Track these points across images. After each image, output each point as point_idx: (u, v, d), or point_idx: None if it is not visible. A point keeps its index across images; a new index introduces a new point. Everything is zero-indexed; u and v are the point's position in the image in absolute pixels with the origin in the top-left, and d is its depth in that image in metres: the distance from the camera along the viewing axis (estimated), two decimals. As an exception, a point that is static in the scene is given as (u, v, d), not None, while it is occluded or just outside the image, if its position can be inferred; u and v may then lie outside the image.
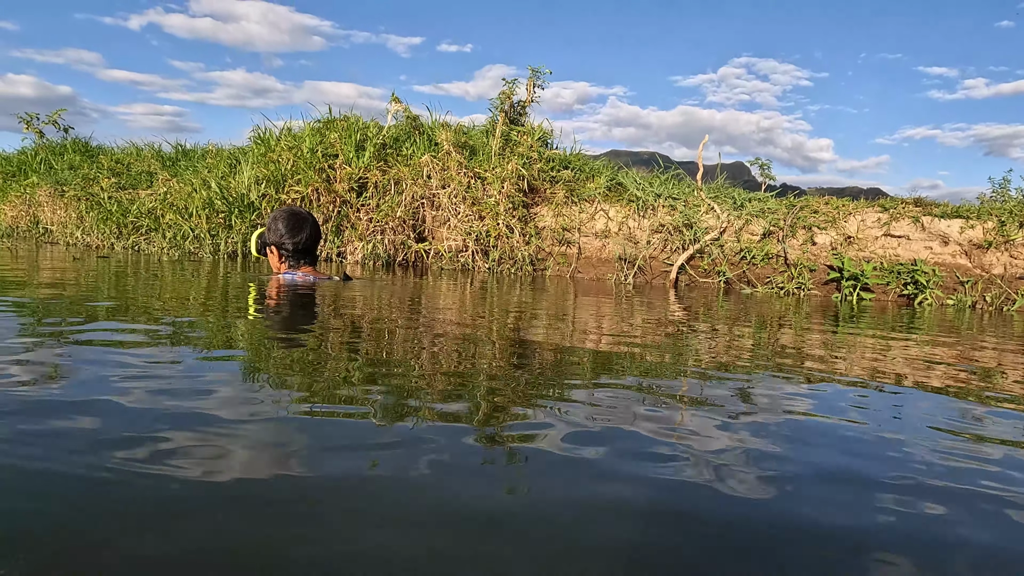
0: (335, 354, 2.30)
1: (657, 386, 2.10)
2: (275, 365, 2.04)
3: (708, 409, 1.80)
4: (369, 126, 8.83)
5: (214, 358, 2.06)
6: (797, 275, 7.02)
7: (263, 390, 1.64)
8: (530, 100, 8.86)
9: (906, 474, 1.35)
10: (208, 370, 1.91)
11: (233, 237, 7.83)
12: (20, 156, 14.77)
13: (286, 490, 0.96)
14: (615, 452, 1.29)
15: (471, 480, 1.05)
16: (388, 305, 4.13)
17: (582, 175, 8.56)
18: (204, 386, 1.61)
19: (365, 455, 1.13)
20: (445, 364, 2.26)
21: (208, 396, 1.55)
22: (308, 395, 1.63)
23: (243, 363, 2.03)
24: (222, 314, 3.11)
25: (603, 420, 1.55)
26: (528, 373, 2.18)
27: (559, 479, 1.08)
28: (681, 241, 7.63)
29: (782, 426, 1.67)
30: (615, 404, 1.78)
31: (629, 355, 2.74)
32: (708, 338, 3.48)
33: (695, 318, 4.47)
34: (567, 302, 4.98)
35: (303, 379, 1.80)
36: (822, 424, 1.73)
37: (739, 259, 7.44)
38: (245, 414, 1.40)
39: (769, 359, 2.87)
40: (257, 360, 2.11)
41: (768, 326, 4.25)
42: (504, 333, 3.20)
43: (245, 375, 1.82)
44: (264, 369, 1.97)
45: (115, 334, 2.37)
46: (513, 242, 8.04)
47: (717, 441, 1.52)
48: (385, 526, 0.86)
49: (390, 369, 2.10)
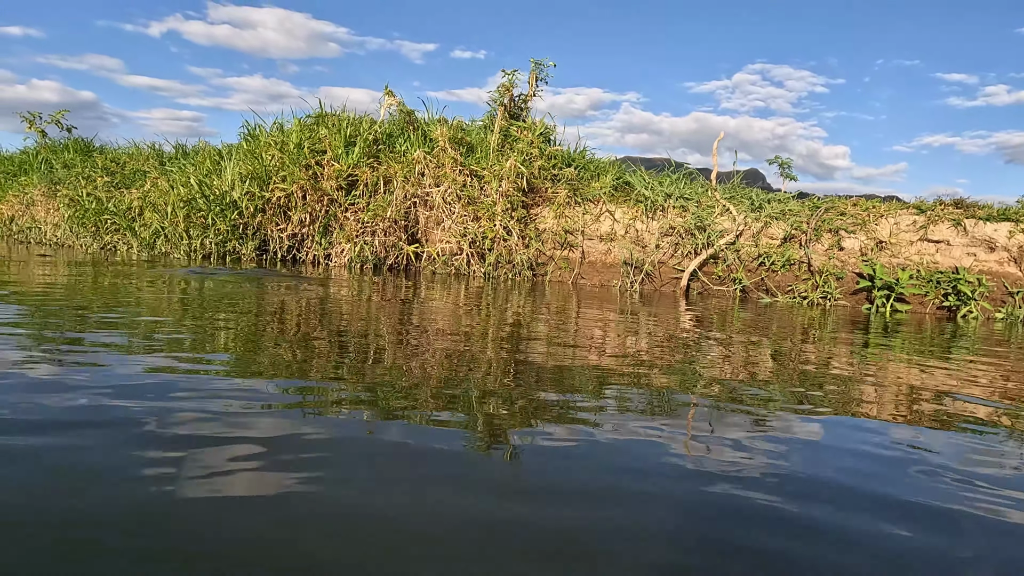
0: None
1: (667, 435, 1.52)
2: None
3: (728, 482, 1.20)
4: (362, 121, 8.33)
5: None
6: (822, 283, 6.33)
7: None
8: (532, 94, 8.30)
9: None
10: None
11: (210, 237, 7.35)
12: (22, 156, 14.59)
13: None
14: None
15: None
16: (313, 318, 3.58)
17: (586, 173, 7.96)
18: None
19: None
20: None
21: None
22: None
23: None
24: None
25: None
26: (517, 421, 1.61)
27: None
28: (693, 245, 6.98)
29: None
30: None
31: (638, 394, 2.14)
32: (724, 360, 2.85)
33: (708, 330, 3.84)
34: (567, 316, 4.37)
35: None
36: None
37: (757, 265, 6.77)
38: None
39: (795, 395, 2.25)
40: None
41: (791, 343, 3.60)
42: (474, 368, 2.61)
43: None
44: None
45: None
46: (511, 245, 7.46)
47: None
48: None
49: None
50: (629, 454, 1.45)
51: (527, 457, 1.39)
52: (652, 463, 1.39)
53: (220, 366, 2.07)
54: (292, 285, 5.04)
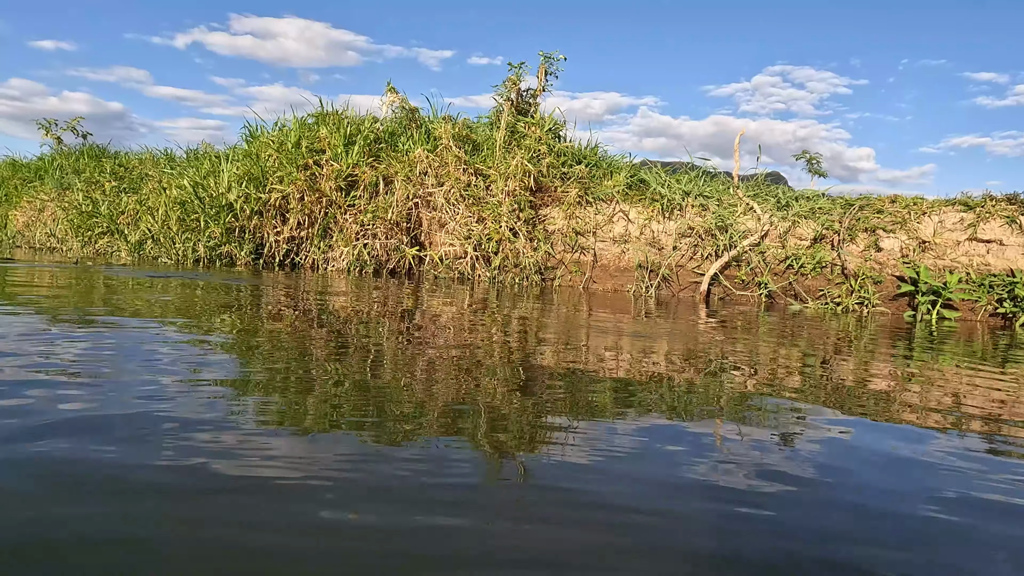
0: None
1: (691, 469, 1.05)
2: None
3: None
4: (364, 120, 7.98)
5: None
6: (858, 288, 5.74)
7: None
8: (541, 89, 7.86)
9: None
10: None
11: (202, 241, 7.05)
12: (38, 163, 14.66)
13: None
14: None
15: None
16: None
17: (598, 171, 7.48)
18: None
19: None
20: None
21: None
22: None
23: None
24: None
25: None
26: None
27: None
28: (714, 247, 6.45)
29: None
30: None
31: (658, 423, 1.68)
32: (748, 379, 2.36)
33: (732, 341, 3.33)
34: (577, 328, 3.91)
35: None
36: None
37: (784, 268, 6.21)
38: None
39: (847, 422, 1.74)
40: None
41: (833, 356, 3.07)
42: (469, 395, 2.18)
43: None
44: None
45: None
46: (518, 247, 7.01)
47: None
48: None
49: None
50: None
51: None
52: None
53: None
54: (225, 286, 4.66)
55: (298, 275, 6.57)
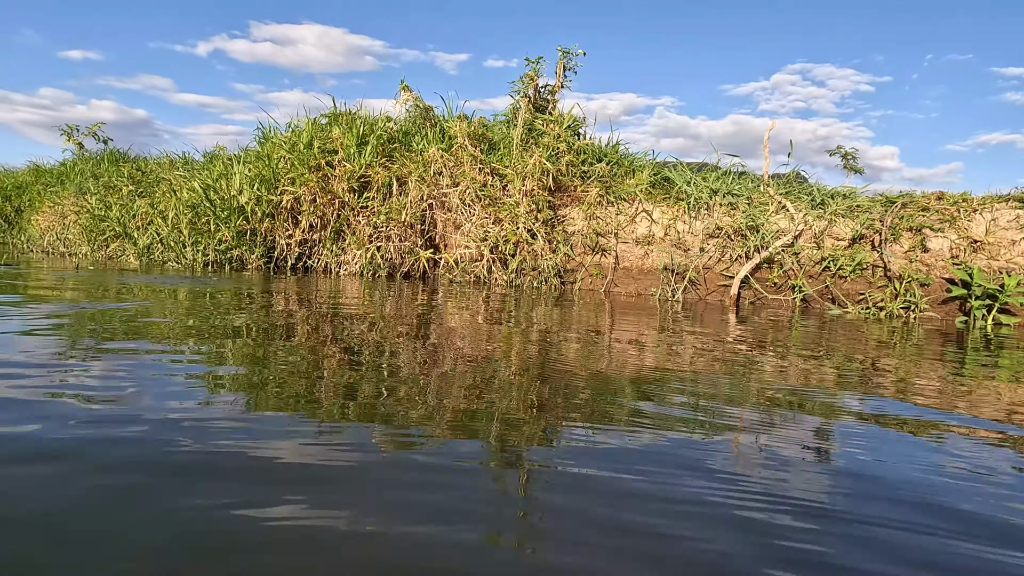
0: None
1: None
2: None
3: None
4: (377, 120, 7.77)
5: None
6: (903, 291, 5.33)
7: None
8: (560, 85, 7.56)
9: None
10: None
11: (212, 245, 6.88)
12: (60, 168, 14.78)
13: None
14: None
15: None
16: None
17: (620, 170, 7.15)
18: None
19: None
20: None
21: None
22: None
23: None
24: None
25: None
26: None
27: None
28: (744, 248, 6.08)
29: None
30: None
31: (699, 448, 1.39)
32: (791, 399, 2.04)
33: (763, 351, 3.00)
34: (598, 336, 3.62)
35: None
36: None
37: (820, 270, 5.82)
38: None
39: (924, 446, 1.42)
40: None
41: (871, 365, 2.72)
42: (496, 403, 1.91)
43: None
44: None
45: None
46: (536, 249, 6.72)
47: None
48: None
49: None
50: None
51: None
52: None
53: None
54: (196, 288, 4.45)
55: (310, 279, 6.37)
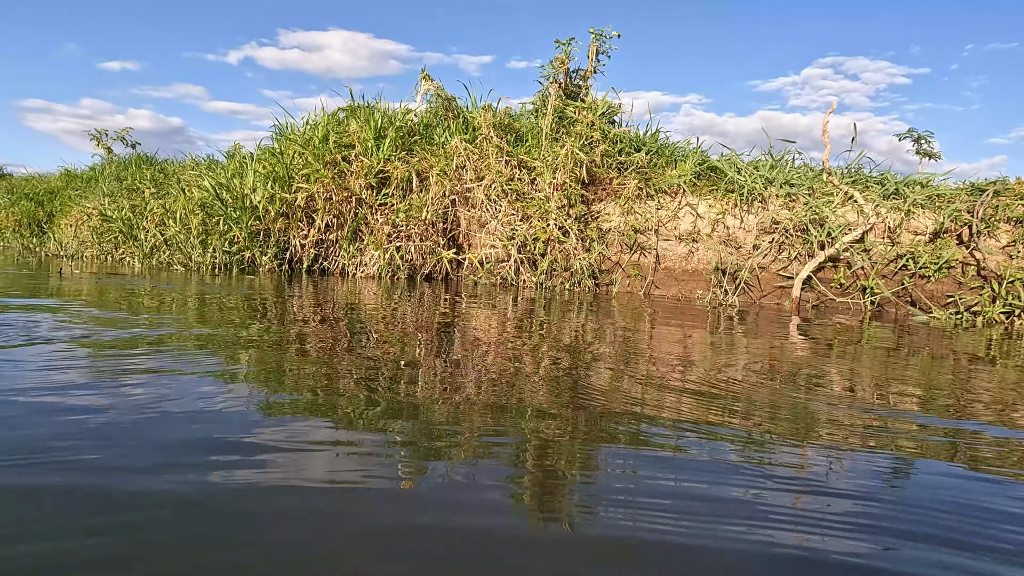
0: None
1: None
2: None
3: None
4: (396, 112, 7.29)
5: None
6: (1004, 294, 4.54)
7: None
8: (593, 70, 6.95)
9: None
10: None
11: (222, 246, 6.48)
12: (89, 173, 14.83)
13: None
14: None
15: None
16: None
17: (660, 160, 6.49)
18: None
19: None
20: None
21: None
22: None
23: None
24: None
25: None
26: None
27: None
28: (805, 245, 5.37)
29: None
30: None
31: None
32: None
33: (839, 369, 2.33)
34: (632, 346, 3.02)
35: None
36: None
37: (896, 269, 5.07)
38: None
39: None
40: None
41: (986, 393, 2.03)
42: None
43: None
44: None
45: None
46: (568, 248, 6.12)
47: None
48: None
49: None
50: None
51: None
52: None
53: None
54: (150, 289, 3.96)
55: (326, 283, 5.90)
